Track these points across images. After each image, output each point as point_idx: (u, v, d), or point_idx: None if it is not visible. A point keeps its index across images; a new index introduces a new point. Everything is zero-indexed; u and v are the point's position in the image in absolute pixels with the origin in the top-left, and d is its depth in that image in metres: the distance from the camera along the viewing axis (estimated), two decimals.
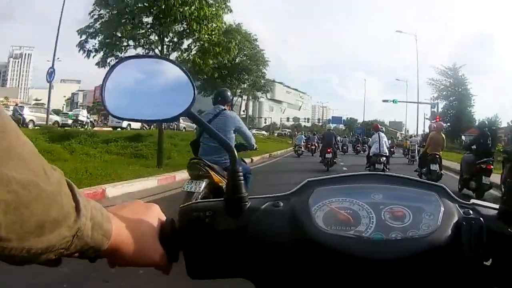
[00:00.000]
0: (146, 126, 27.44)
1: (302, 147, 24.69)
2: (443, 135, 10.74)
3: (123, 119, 0.67)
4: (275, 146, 29.42)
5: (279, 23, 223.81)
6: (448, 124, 45.15)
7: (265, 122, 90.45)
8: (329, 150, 14.96)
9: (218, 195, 3.09)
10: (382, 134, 11.00)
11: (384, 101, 46.62)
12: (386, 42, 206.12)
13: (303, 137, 28.26)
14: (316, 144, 24.26)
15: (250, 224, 0.61)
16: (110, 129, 26.27)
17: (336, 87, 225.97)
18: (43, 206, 0.40)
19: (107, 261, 0.55)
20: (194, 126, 11.35)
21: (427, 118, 47.12)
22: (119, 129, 26.42)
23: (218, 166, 4.26)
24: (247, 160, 8.84)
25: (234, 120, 4.51)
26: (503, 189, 3.10)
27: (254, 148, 4.94)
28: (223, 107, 4.62)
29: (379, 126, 11.57)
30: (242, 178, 0.64)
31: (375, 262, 0.56)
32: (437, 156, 10.14)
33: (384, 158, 10.44)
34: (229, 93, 4.94)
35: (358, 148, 31.08)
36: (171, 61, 0.66)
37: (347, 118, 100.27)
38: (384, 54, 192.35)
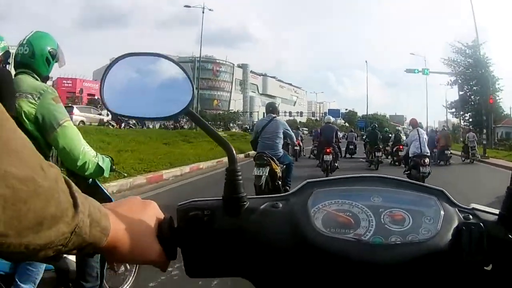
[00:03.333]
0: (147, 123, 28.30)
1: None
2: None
3: (122, 116, 0.69)
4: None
5: (278, 21, 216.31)
6: (469, 113, 36.73)
7: (257, 118, 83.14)
8: (328, 150, 11.61)
9: (274, 178, 6.38)
10: (422, 131, 9.61)
11: (408, 71, 34.42)
12: (387, 38, 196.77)
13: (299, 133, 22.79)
14: (302, 144, 19.49)
15: (249, 224, 0.62)
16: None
17: (334, 84, 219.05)
18: (40, 202, 0.41)
19: (105, 257, 0.57)
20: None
21: (447, 106, 39.30)
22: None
23: (273, 157, 6.16)
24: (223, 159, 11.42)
25: (282, 125, 6.57)
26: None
27: (295, 144, 8.30)
28: (274, 115, 6.55)
29: (417, 121, 9.98)
30: (240, 177, 0.65)
31: (374, 266, 0.57)
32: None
33: (428, 160, 8.94)
34: (277, 105, 7.65)
35: (387, 151, 17.64)
36: (170, 59, 0.66)
37: (346, 110, 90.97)
38: (382, 51, 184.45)
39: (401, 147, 14.45)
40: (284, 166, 6.52)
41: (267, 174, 6.04)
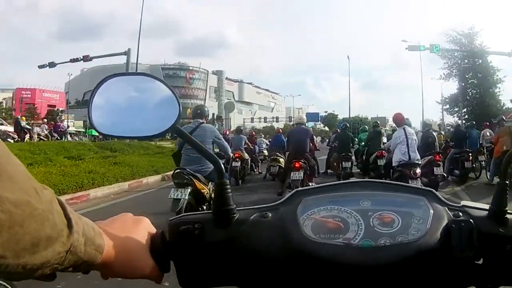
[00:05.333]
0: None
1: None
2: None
3: (110, 136, 0.71)
4: None
5: (253, 28, 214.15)
6: (465, 109, 32.49)
7: (232, 124, 78.30)
8: (297, 165, 7.72)
9: (201, 201, 4.87)
10: (410, 130, 7.35)
11: (411, 48, 27.56)
12: (364, 41, 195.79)
13: (264, 141, 18.23)
14: (257, 155, 14.98)
15: (239, 235, 0.64)
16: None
17: (312, 88, 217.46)
18: (36, 224, 0.43)
19: (100, 273, 0.59)
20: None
21: (440, 103, 35.11)
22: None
23: (200, 175, 4.88)
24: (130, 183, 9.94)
25: (212, 132, 5.23)
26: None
27: (231, 156, 6.49)
28: (201, 121, 5.28)
29: (403, 117, 7.53)
30: (229, 190, 0.67)
31: (364, 268, 0.58)
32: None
33: (419, 171, 6.76)
34: (206, 108, 5.57)
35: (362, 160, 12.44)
36: (156, 78, 0.68)
37: (326, 113, 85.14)
38: (362, 52, 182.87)
39: (381, 153, 10.25)
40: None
41: (187, 196, 4.65)
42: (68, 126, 32.28)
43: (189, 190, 4.69)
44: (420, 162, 6.99)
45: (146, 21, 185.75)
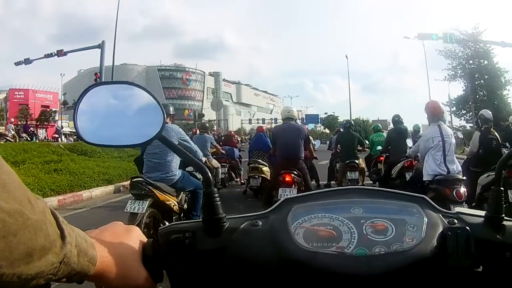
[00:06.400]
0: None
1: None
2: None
3: (95, 145, 0.70)
4: None
5: (252, 29, 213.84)
6: (471, 112, 31.24)
7: (231, 126, 77.20)
8: (287, 179, 5.50)
9: (167, 214, 4.20)
10: (448, 129, 4.87)
11: (420, 37, 24.29)
12: (363, 44, 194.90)
13: None
14: (239, 160, 11.16)
15: (230, 244, 0.64)
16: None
17: (312, 90, 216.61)
18: (30, 234, 0.44)
19: (94, 284, 0.59)
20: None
21: (447, 104, 33.75)
22: None
23: (163, 184, 4.23)
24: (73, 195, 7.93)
25: (176, 133, 4.43)
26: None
27: (203, 161, 4.92)
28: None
29: (440, 107, 5.20)
30: (218, 199, 0.67)
31: (359, 278, 0.57)
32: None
33: (464, 190, 4.30)
34: (171, 108, 4.83)
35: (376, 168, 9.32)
36: (140, 86, 0.68)
37: (326, 114, 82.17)
38: (360, 57, 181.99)
39: (410, 163, 7.07)
40: (189, 195, 4.58)
41: (145, 210, 3.92)
42: (62, 127, 31.34)
43: (147, 202, 3.99)
44: (463, 177, 4.54)
45: (144, 23, 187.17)
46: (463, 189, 4.28)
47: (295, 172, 5.57)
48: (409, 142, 7.95)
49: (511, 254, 0.59)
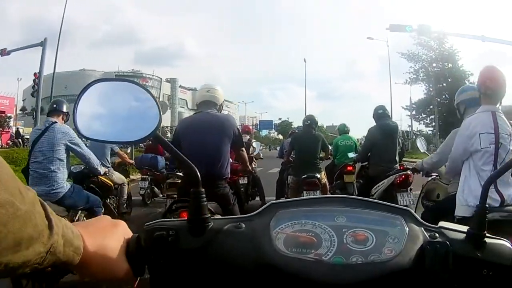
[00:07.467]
0: None
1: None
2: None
3: (93, 140, 0.71)
4: None
5: (211, 37, 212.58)
6: (431, 116, 32.31)
7: None
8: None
9: None
10: (507, 126, 2.50)
11: (393, 28, 20.06)
12: (320, 52, 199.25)
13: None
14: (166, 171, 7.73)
15: (212, 244, 0.65)
16: None
17: (267, 97, 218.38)
18: (19, 224, 0.45)
19: (78, 274, 0.60)
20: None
21: (407, 108, 34.78)
22: None
23: (47, 201, 3.07)
24: None
25: (64, 135, 3.63)
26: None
27: (99, 172, 4.14)
28: (53, 120, 3.76)
29: (502, 79, 2.49)
30: (204, 198, 0.67)
31: (333, 285, 0.57)
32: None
33: None
34: (64, 105, 3.97)
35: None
36: (139, 84, 0.70)
37: (280, 119, 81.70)
38: (316, 65, 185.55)
39: (405, 178, 4.77)
40: (86, 213, 3.80)
41: None
42: (19, 133, 29.47)
43: None
44: None
45: (106, 30, 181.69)
46: None
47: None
48: (351, 155, 6.53)
49: (488, 272, 0.59)
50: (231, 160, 3.32)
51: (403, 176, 4.74)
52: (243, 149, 3.39)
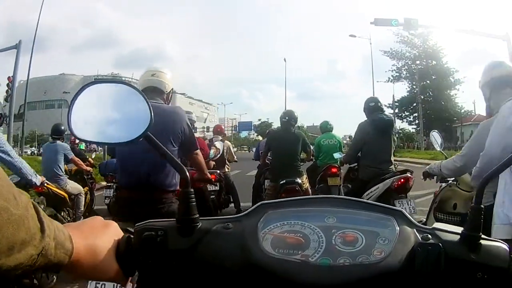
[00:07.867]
0: None
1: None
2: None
3: (87, 142, 0.73)
4: None
5: (190, 39, 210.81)
6: (416, 114, 31.72)
7: None
8: None
9: None
10: None
11: (377, 22, 18.82)
12: (300, 53, 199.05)
13: None
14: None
15: (200, 244, 0.65)
16: None
17: (247, 99, 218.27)
18: (12, 229, 0.45)
19: (68, 274, 0.61)
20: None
21: (390, 106, 34.13)
22: None
23: None
24: None
25: None
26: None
27: (34, 183, 3.61)
28: None
29: None
30: (193, 199, 0.67)
31: (318, 287, 0.57)
32: None
33: None
34: (2, 104, 3.55)
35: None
36: (132, 86, 0.70)
37: (259, 121, 78.13)
38: (296, 66, 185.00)
39: (406, 181, 4.15)
40: None
41: None
42: None
43: None
44: None
45: (86, 33, 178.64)
46: None
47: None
48: (337, 155, 5.87)
49: (483, 275, 0.58)
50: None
51: (401, 180, 4.00)
52: (197, 152, 2.59)
